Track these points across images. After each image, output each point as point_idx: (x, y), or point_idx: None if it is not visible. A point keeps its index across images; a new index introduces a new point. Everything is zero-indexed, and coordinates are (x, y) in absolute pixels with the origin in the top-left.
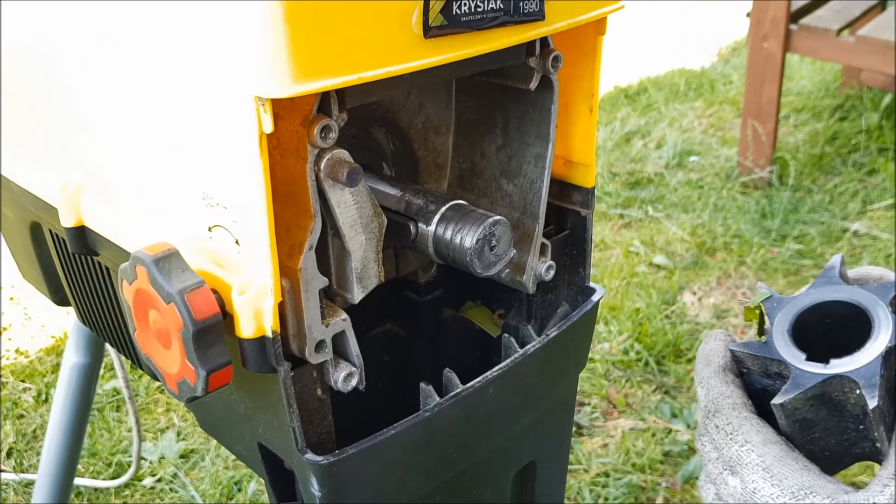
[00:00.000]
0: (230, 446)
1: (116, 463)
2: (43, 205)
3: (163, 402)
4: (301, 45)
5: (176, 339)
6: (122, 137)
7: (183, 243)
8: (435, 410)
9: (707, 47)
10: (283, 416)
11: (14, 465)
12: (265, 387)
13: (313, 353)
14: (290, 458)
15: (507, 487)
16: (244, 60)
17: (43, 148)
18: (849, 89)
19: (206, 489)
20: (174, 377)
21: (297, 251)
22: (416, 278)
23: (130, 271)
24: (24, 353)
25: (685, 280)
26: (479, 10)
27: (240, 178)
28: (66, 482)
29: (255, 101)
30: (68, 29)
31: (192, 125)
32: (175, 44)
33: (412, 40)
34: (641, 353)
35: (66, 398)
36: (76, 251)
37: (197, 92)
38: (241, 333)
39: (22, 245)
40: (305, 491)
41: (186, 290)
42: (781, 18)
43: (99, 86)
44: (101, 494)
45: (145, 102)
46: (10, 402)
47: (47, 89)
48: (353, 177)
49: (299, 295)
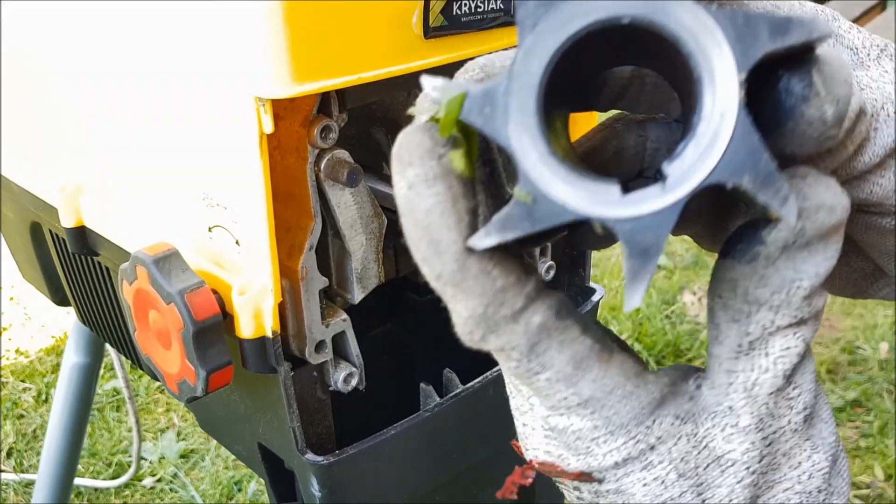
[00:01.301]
0: (230, 446)
1: (116, 463)
2: (43, 205)
3: (163, 402)
4: (301, 46)
5: (176, 339)
6: (122, 138)
7: (183, 243)
8: (435, 410)
9: None
10: (283, 416)
11: (14, 465)
12: (265, 387)
13: (313, 354)
14: (290, 458)
15: None
16: (244, 61)
17: (43, 148)
18: None
19: (206, 489)
20: (174, 377)
21: (297, 251)
22: (416, 278)
23: (130, 271)
24: (24, 353)
25: (685, 280)
26: (480, 10)
27: (240, 178)
28: (66, 482)
29: (255, 101)
30: (69, 29)
31: (192, 126)
32: (175, 44)
33: (412, 41)
34: (641, 353)
35: (66, 398)
36: (76, 251)
37: (197, 92)
38: (241, 334)
39: (22, 245)
40: (305, 491)
41: (186, 291)
42: None
43: (99, 86)
44: (101, 494)
45: (146, 103)
46: (10, 402)
47: (48, 90)
48: (353, 177)
49: (299, 295)
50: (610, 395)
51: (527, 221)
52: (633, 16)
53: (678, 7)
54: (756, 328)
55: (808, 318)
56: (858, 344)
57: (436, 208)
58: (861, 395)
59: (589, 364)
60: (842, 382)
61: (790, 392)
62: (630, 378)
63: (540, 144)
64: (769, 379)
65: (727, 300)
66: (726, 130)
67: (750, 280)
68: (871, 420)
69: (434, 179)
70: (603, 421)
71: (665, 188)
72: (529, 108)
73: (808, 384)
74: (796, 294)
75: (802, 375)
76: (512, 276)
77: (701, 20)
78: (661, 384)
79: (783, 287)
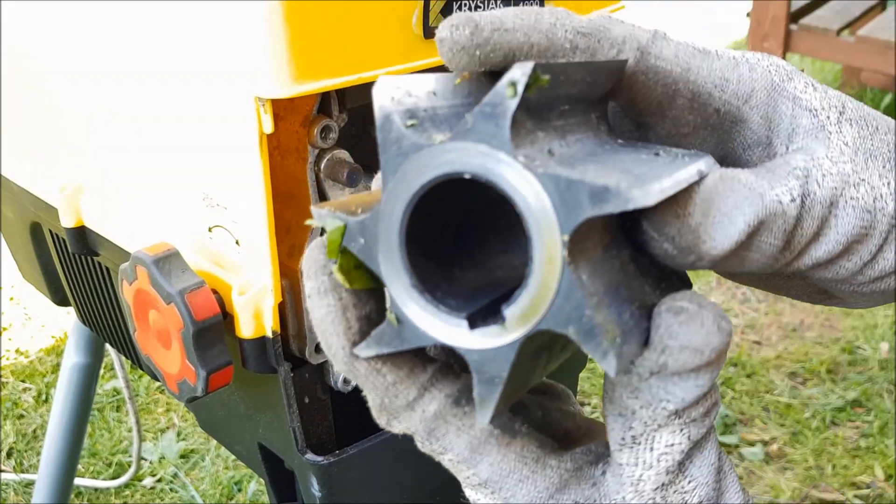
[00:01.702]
0: (230, 446)
1: (116, 463)
2: (43, 205)
3: (163, 402)
4: (301, 46)
5: (176, 339)
6: (122, 138)
7: (183, 243)
8: None
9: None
10: (284, 416)
11: (14, 465)
12: (265, 387)
13: (313, 354)
14: (291, 458)
15: None
16: (245, 61)
17: (43, 148)
18: (849, 89)
19: (206, 489)
20: (174, 377)
21: (297, 251)
22: None
23: (131, 271)
24: (24, 353)
25: None
26: (480, 10)
27: (240, 178)
28: (66, 482)
29: (255, 101)
30: (69, 30)
31: (192, 126)
32: (176, 44)
33: (412, 41)
34: None
35: (66, 398)
36: (76, 251)
37: (197, 92)
38: (242, 334)
39: (22, 245)
40: (305, 491)
41: (187, 291)
42: (781, 18)
43: (100, 86)
44: (101, 494)
45: (146, 103)
46: (10, 402)
47: (48, 90)
48: (353, 177)
49: (299, 295)
50: (507, 479)
51: (396, 340)
52: (473, 173)
53: (509, 169)
54: (638, 425)
55: (694, 418)
56: (858, 344)
57: (326, 318)
58: (861, 395)
59: (487, 448)
60: (842, 382)
61: (684, 485)
62: (528, 463)
63: (404, 276)
64: (653, 475)
65: (611, 397)
66: (552, 286)
67: (624, 389)
68: (871, 420)
69: (325, 292)
70: (503, 501)
71: (504, 328)
72: (394, 243)
73: (704, 477)
74: (662, 412)
75: (700, 468)
76: (404, 369)
77: (529, 183)
78: (563, 469)
79: (651, 403)
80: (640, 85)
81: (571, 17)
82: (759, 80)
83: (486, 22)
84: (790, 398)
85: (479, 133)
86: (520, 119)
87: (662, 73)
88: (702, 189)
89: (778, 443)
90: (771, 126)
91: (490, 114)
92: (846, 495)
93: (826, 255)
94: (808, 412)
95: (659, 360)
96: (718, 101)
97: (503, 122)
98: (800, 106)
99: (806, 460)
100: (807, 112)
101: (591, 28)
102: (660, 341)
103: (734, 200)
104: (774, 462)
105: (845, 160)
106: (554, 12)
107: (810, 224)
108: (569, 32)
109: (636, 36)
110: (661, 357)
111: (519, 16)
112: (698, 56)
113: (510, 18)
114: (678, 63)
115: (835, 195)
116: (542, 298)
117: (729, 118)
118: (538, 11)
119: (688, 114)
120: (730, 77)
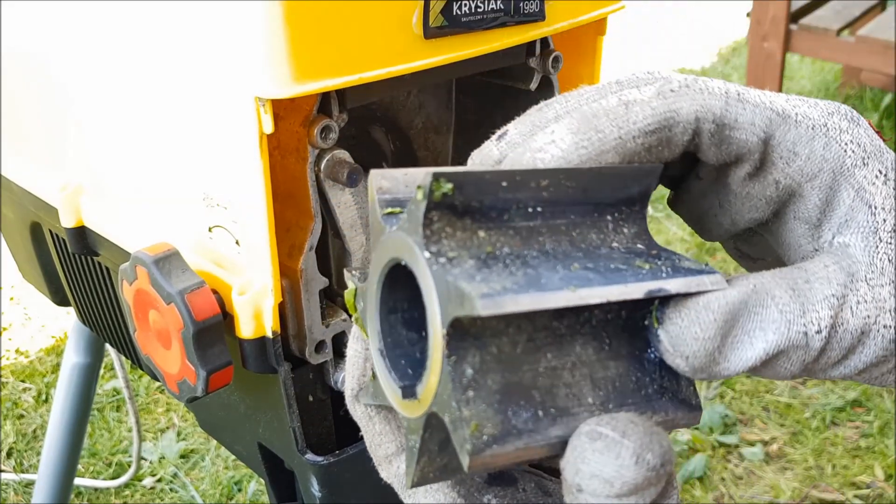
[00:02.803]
0: (230, 446)
1: (116, 463)
2: (43, 205)
3: (163, 402)
4: (301, 46)
5: (176, 339)
6: (122, 138)
7: (183, 243)
8: None
9: (707, 47)
10: (284, 416)
11: (14, 465)
12: (265, 387)
13: (314, 354)
14: (291, 458)
15: None
16: (244, 61)
17: (43, 148)
18: (849, 89)
19: (206, 489)
20: (174, 377)
21: (297, 251)
22: None
23: (131, 272)
24: (25, 353)
25: None
26: (480, 10)
27: (240, 178)
28: (66, 482)
29: (255, 101)
30: (69, 29)
31: (192, 126)
32: (176, 44)
33: (412, 41)
34: None
35: (66, 398)
36: (76, 251)
37: (197, 92)
38: (242, 334)
39: (22, 245)
40: (305, 491)
41: (187, 291)
42: (781, 18)
43: (100, 86)
44: (101, 494)
45: (146, 103)
46: (10, 402)
47: (48, 89)
48: (353, 177)
49: (299, 295)
50: None
51: (371, 395)
52: (405, 262)
53: (420, 262)
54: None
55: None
56: None
57: (349, 360)
58: (861, 395)
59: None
60: (842, 382)
61: None
62: None
63: (376, 340)
64: None
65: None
66: (437, 373)
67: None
68: (871, 420)
69: (356, 339)
70: None
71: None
72: (373, 313)
73: None
74: None
75: None
76: (392, 423)
77: (427, 279)
78: None
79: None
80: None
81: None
82: (829, 161)
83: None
84: (790, 398)
85: (404, 227)
86: (438, 218)
87: (736, 143)
88: (729, 300)
89: (778, 443)
90: (826, 210)
91: (412, 211)
92: (846, 495)
93: (840, 376)
94: (808, 412)
95: (573, 481)
96: (781, 174)
97: (416, 221)
98: (861, 199)
99: (806, 460)
100: (866, 207)
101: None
102: (573, 462)
103: (760, 321)
104: (774, 462)
105: (884, 282)
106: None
107: (835, 354)
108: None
109: (709, 106)
110: (575, 478)
111: (581, 145)
112: (775, 121)
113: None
114: (755, 132)
115: (867, 324)
116: (432, 382)
117: (787, 191)
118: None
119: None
120: (800, 152)
